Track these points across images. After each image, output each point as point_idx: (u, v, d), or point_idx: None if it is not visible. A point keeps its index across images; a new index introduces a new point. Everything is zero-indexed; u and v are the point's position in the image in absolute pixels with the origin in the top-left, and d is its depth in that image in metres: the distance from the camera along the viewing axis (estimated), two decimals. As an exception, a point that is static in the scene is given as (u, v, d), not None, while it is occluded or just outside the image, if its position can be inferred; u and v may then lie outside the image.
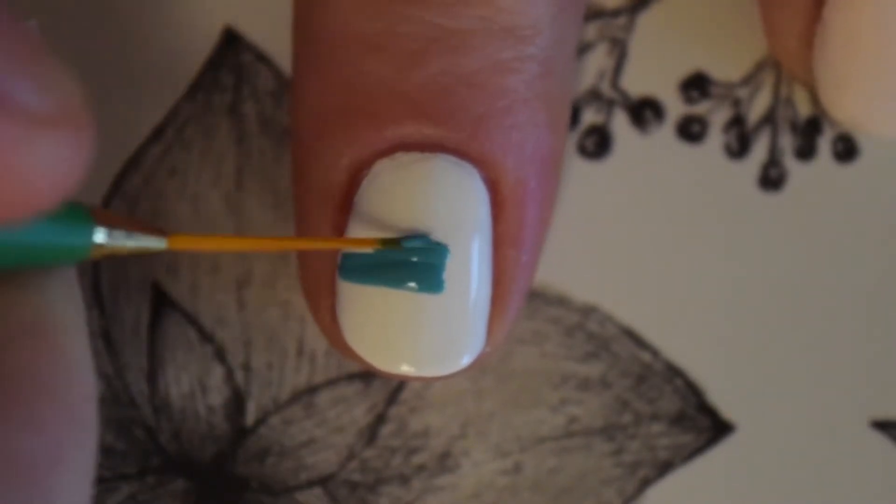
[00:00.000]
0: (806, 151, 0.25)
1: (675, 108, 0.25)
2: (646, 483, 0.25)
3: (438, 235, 0.21)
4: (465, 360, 0.22)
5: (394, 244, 0.21)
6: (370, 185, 0.21)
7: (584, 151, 0.25)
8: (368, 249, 0.21)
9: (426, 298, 0.21)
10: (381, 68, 0.21)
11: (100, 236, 0.19)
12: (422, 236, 0.21)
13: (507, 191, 0.22)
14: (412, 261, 0.21)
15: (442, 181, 0.21)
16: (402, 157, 0.21)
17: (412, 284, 0.21)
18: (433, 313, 0.21)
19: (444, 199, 0.21)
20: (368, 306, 0.21)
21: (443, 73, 0.21)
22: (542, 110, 0.22)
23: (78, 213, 0.19)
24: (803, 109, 0.26)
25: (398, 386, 0.25)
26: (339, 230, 0.22)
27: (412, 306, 0.21)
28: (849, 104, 0.24)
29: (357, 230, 0.21)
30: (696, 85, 0.25)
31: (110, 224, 0.19)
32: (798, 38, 0.24)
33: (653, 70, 0.25)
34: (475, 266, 0.21)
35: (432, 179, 0.21)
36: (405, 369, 0.21)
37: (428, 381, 0.24)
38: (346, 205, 0.22)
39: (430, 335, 0.21)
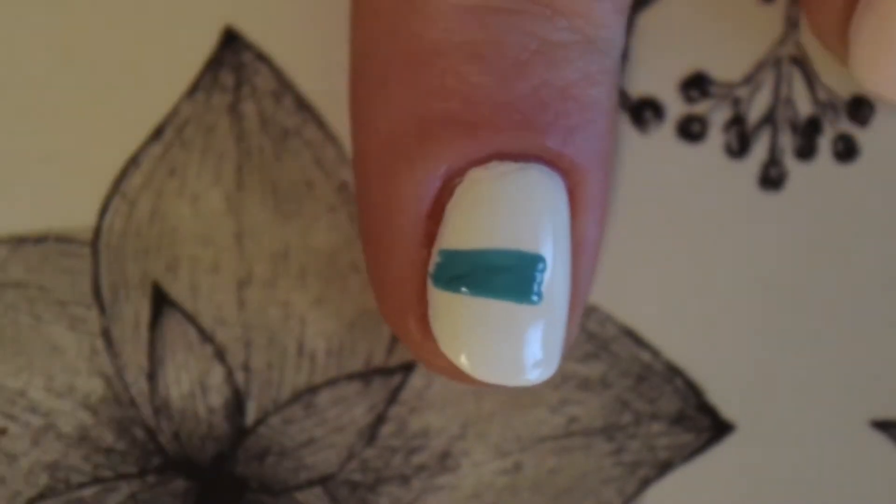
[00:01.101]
0: (806, 151, 0.25)
1: (675, 107, 0.25)
2: (646, 483, 0.25)
3: (531, 245, 0.21)
4: (550, 372, 0.22)
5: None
6: (464, 193, 0.22)
7: (584, 151, 0.25)
8: None
9: (528, 310, 0.21)
10: (482, 78, 0.22)
11: None
12: (497, 249, 0.21)
13: (585, 200, 0.22)
14: (508, 270, 0.21)
15: (540, 192, 0.21)
16: (499, 167, 0.22)
17: (508, 294, 0.21)
18: (534, 324, 0.21)
19: (538, 210, 0.21)
20: (469, 317, 0.21)
21: (543, 84, 0.22)
22: (612, 120, 0.23)
23: None
24: (803, 109, 0.26)
25: (398, 386, 0.25)
26: (430, 238, 0.22)
27: (514, 317, 0.21)
28: (884, 70, 0.23)
29: (448, 238, 0.21)
30: (696, 85, 0.25)
31: None
32: (843, 2, 0.24)
33: (653, 70, 0.25)
34: (563, 276, 0.22)
35: (532, 191, 0.21)
36: (504, 380, 0.22)
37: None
38: (437, 212, 0.22)
39: (528, 345, 0.21)
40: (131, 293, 0.25)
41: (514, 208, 0.21)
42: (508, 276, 0.21)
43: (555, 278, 0.21)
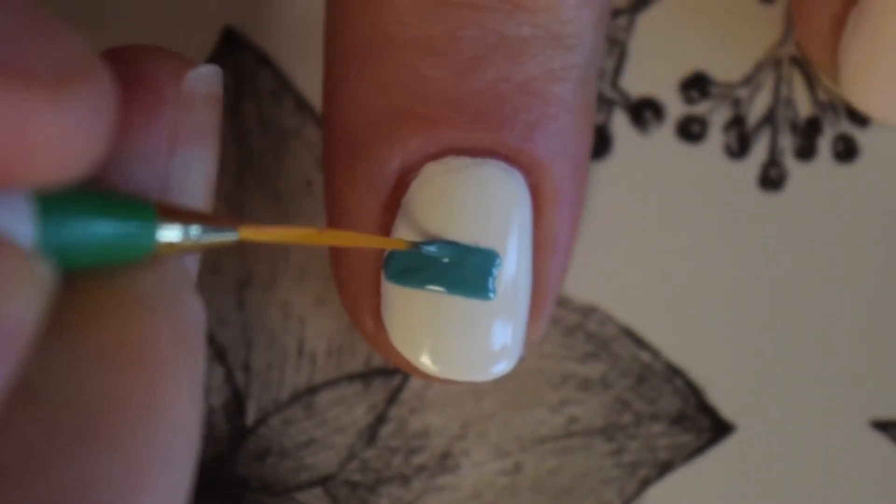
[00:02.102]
0: (806, 151, 0.25)
1: (675, 108, 0.25)
2: (646, 483, 0.25)
3: (487, 241, 0.21)
4: (509, 366, 0.22)
5: (415, 246, 0.21)
6: (419, 187, 0.21)
7: (584, 151, 0.25)
8: (399, 248, 0.21)
9: (479, 305, 0.21)
10: (437, 72, 0.22)
11: (171, 233, 0.18)
12: (452, 243, 0.21)
13: (549, 196, 0.22)
14: (462, 265, 0.21)
15: (491, 187, 0.21)
16: (454, 162, 0.21)
17: (462, 289, 0.21)
18: (486, 319, 0.21)
19: (493, 206, 0.21)
20: (416, 309, 0.21)
21: (500, 80, 0.22)
22: (581, 117, 0.23)
23: (139, 208, 0.18)
24: (803, 109, 0.26)
25: (398, 386, 0.25)
26: (385, 230, 0.22)
27: (465, 312, 0.21)
28: (872, 91, 0.24)
29: (403, 231, 0.21)
30: (696, 85, 0.25)
31: (179, 219, 0.19)
32: (831, 20, 0.24)
33: (653, 70, 0.25)
34: (520, 272, 0.21)
35: (482, 185, 0.21)
36: (451, 373, 0.22)
37: (452, 384, 0.24)
38: (393, 205, 0.22)
39: (477, 341, 0.21)
40: (131, 293, 0.25)
41: (467, 203, 0.21)
42: (461, 270, 0.21)
43: (512, 274, 0.21)
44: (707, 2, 0.25)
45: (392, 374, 0.25)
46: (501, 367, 0.22)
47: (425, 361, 0.21)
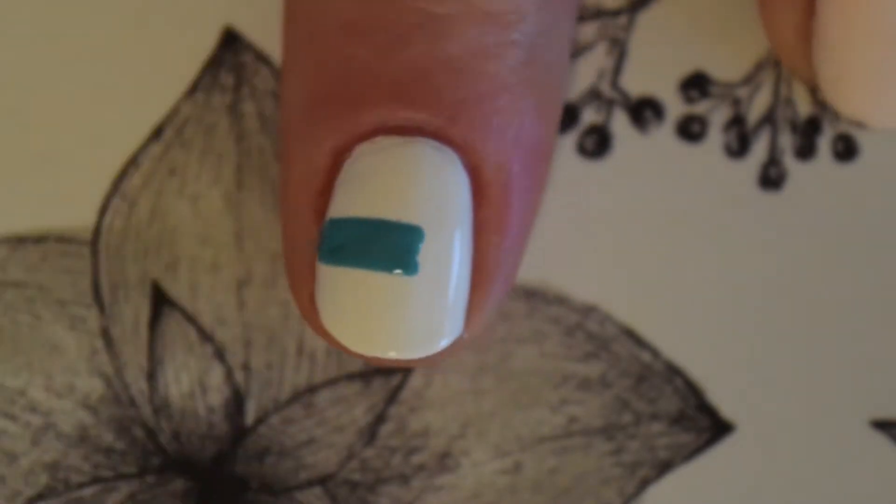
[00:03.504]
0: (806, 151, 0.25)
1: (675, 107, 0.25)
2: (646, 483, 0.25)
3: (413, 217, 0.21)
4: (442, 344, 0.21)
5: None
6: (350, 168, 0.21)
7: (583, 151, 0.25)
8: None
9: (403, 282, 0.21)
10: (361, 52, 0.22)
11: None
12: (374, 220, 0.21)
13: (489, 176, 0.22)
14: (386, 242, 0.21)
15: (421, 165, 0.21)
16: (383, 141, 0.21)
17: (384, 265, 0.21)
18: (409, 297, 0.21)
19: (423, 183, 0.21)
20: (344, 290, 0.21)
21: (424, 57, 0.21)
22: (527, 97, 0.22)
23: None
24: (803, 109, 0.26)
25: (398, 385, 0.25)
26: (321, 214, 0.22)
27: (388, 289, 0.21)
28: (851, 97, 0.24)
29: (332, 211, 0.21)
30: (695, 85, 0.25)
31: None
32: (795, 32, 0.24)
33: (653, 70, 0.25)
34: (455, 251, 0.21)
35: (411, 163, 0.21)
36: (379, 352, 0.21)
37: (403, 365, 0.24)
38: (327, 188, 0.22)
39: (406, 319, 0.21)
40: (131, 293, 0.25)
41: (392, 180, 0.21)
42: (384, 247, 0.21)
43: (441, 250, 0.21)
44: (707, 1, 0.25)
45: (391, 373, 0.25)
46: (431, 347, 0.21)
47: (350, 341, 0.21)
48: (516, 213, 0.22)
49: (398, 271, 0.21)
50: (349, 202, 0.21)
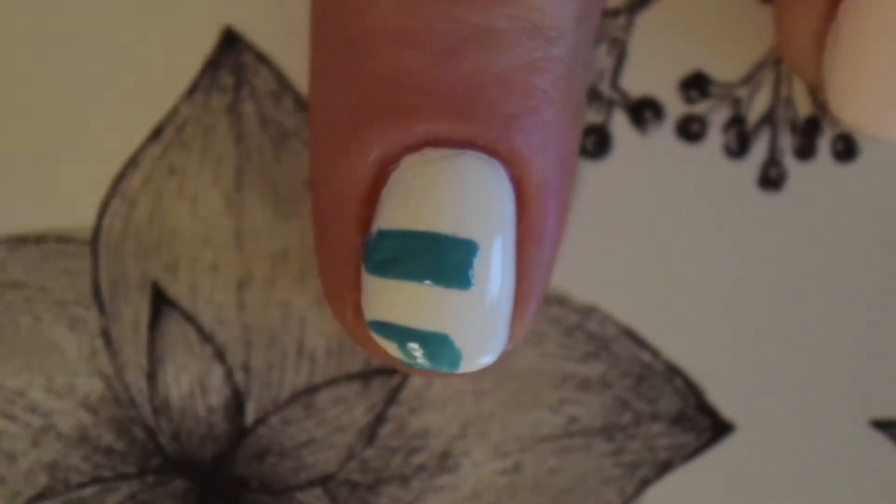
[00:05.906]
0: (806, 151, 0.25)
1: (675, 107, 0.25)
2: (646, 483, 0.25)
3: (465, 232, 0.21)
4: (489, 359, 0.22)
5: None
6: (397, 180, 0.21)
7: (583, 151, 0.25)
8: None
9: (452, 295, 0.21)
10: (414, 64, 0.21)
11: None
12: (430, 233, 0.21)
13: (532, 189, 0.22)
14: (440, 256, 0.21)
15: (470, 178, 0.21)
16: (431, 154, 0.21)
17: (439, 280, 0.21)
18: (459, 310, 0.21)
19: (472, 197, 0.21)
20: (394, 301, 0.21)
21: (475, 72, 0.22)
22: (565, 110, 0.22)
23: None
24: (803, 109, 0.26)
25: (398, 386, 0.25)
26: (365, 224, 0.22)
27: (443, 303, 0.21)
28: (857, 106, 0.24)
29: (379, 223, 0.21)
30: (695, 85, 0.25)
31: None
32: (811, 36, 0.24)
33: (652, 70, 0.25)
34: (503, 264, 0.21)
35: (460, 176, 0.21)
36: (434, 369, 0.21)
37: (435, 378, 0.24)
38: (372, 199, 0.22)
39: (455, 333, 0.21)
40: (131, 293, 0.25)
41: (445, 194, 0.21)
42: (439, 261, 0.21)
43: (492, 265, 0.21)
44: (707, 2, 0.25)
45: (392, 373, 0.25)
46: (482, 361, 0.22)
47: (404, 354, 0.21)
48: (554, 226, 0.22)
49: (455, 286, 0.21)
50: (399, 214, 0.21)
